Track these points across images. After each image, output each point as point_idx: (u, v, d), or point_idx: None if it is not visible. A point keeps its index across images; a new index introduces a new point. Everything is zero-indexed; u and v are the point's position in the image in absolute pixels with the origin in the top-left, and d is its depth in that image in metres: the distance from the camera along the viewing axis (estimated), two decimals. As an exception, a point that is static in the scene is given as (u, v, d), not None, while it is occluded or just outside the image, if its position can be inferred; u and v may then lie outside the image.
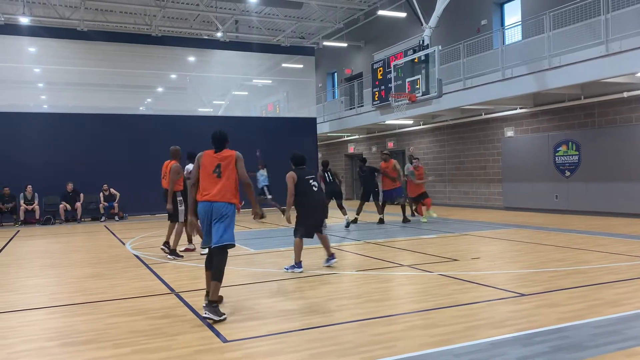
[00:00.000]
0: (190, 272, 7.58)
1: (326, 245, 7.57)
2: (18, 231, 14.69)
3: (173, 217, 8.94)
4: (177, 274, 7.35)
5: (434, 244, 9.58)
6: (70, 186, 17.24)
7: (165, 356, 3.98)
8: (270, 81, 25.38)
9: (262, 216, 5.96)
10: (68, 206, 17.08)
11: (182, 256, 8.76)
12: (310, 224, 7.28)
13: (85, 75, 20.64)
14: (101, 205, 17.74)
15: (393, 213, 15.67)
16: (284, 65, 23.32)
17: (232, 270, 7.44)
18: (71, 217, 17.29)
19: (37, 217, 16.80)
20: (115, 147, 18.58)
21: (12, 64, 19.04)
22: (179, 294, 6.05)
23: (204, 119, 22.13)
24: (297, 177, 7.24)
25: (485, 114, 17.57)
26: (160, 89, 24.09)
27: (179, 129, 19.56)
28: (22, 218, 16.63)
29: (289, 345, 4.15)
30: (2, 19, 17.53)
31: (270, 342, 4.23)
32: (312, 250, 9.14)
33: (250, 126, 21.33)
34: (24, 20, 18.21)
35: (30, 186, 16.87)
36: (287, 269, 7.18)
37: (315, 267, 7.55)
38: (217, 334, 4.44)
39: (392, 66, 16.16)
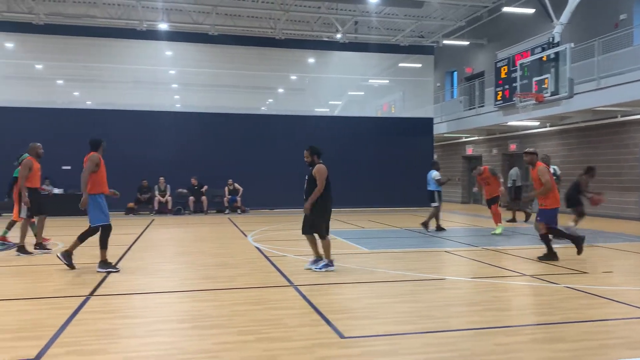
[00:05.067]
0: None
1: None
2: (153, 220, 16.09)
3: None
4: (295, 268, 7.62)
5: (559, 255, 8.99)
6: (194, 180, 18.59)
7: (286, 346, 4.16)
8: (387, 81, 25.33)
9: None
10: (194, 198, 18.42)
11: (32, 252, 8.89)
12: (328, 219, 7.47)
13: (213, 77, 22.09)
14: (225, 198, 18.89)
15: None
16: (401, 64, 23.16)
17: (348, 269, 7.58)
18: (198, 209, 18.61)
19: (169, 207, 18.29)
20: (239, 145, 19.70)
21: (150, 66, 20.87)
22: (298, 287, 6.28)
23: (321, 119, 22.70)
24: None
25: (621, 116, 16.12)
26: (280, 90, 25.07)
27: (297, 128, 20.27)
28: (156, 208, 18.21)
29: (404, 347, 4.15)
30: (145, 25, 19.27)
31: (386, 343, 4.25)
32: (424, 254, 9.04)
33: (365, 126, 21.48)
34: (163, 27, 19.87)
35: (162, 178, 18.43)
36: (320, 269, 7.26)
37: (428, 271, 7.44)
38: (335, 330, 4.55)
39: (517, 64, 15.42)
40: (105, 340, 4.32)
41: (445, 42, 23.25)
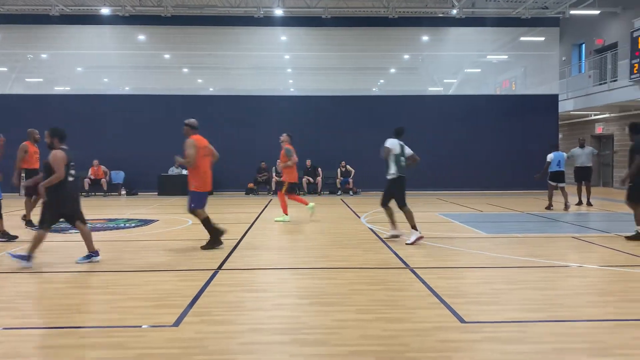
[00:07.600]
0: (424, 250, 7.70)
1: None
2: (271, 200, 16.76)
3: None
4: (411, 250, 7.56)
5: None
6: (308, 162, 19.08)
7: (405, 327, 4.15)
8: (506, 56, 24.00)
9: None
10: (311, 179, 18.92)
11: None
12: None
13: (325, 60, 22.36)
14: (338, 180, 19.17)
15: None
16: (522, 38, 21.80)
17: (466, 253, 7.38)
18: (312, 190, 19.09)
19: (285, 188, 18.98)
20: (351, 127, 19.81)
21: (266, 52, 21.57)
22: (414, 269, 6.22)
23: (434, 98, 22.13)
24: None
25: None
26: (392, 70, 24.74)
27: (409, 108, 19.91)
28: (273, 188, 18.95)
29: (531, 335, 3.97)
30: (262, 12, 19.88)
31: (512, 329, 4.10)
32: (549, 239, 8.53)
33: (482, 105, 20.59)
34: (278, 12, 20.37)
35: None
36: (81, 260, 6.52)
37: (555, 257, 7.01)
38: (455, 314, 4.46)
39: (658, 33, 13.84)
40: (234, 311, 4.60)
41: (573, 12, 21.40)
